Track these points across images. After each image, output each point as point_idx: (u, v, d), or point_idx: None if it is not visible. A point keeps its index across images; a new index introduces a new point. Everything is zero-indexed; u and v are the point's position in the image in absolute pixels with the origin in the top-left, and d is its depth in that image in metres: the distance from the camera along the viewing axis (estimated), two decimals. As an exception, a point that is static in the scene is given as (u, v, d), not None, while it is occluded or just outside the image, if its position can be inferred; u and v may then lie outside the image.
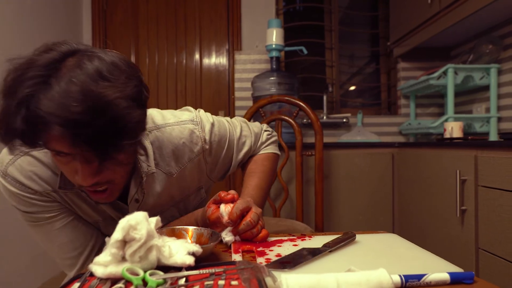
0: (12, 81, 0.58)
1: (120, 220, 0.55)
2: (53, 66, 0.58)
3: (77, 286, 0.52)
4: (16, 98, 0.56)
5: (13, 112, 0.56)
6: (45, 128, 0.57)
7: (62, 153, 0.61)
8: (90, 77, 0.57)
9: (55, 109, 0.54)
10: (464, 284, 0.56)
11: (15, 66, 0.59)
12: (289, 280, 0.49)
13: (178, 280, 0.53)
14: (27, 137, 0.59)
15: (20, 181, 0.73)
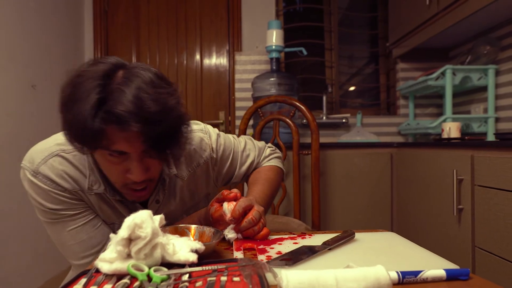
0: (76, 90, 0.65)
1: (126, 219, 0.57)
2: (110, 74, 0.66)
3: (83, 281, 0.54)
4: (88, 103, 0.62)
5: (89, 115, 0.62)
6: (123, 126, 0.63)
7: (123, 153, 0.69)
8: (150, 85, 0.66)
9: (134, 109, 0.62)
10: (459, 280, 0.58)
11: (71, 78, 0.67)
12: (289, 276, 0.51)
13: (181, 276, 0.55)
14: (100, 137, 0.65)
15: (51, 179, 0.77)
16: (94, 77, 0.64)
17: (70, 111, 0.65)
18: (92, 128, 0.63)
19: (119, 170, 0.72)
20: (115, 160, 0.70)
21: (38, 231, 2.03)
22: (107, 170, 0.74)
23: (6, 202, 1.76)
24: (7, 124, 1.77)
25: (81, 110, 0.63)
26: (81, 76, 0.66)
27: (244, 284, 0.51)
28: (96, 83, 0.63)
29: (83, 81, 0.65)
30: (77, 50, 2.51)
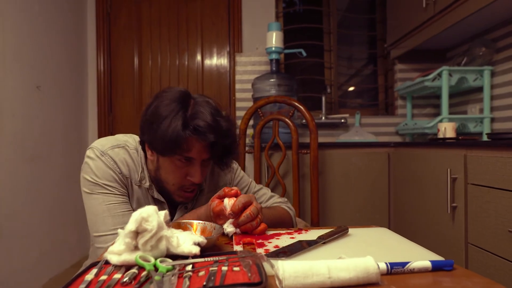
0: (162, 110, 0.85)
1: (133, 213, 0.61)
2: (186, 99, 0.87)
3: (94, 271, 0.58)
4: (178, 120, 0.83)
5: (180, 129, 0.82)
6: (202, 137, 0.84)
7: (189, 159, 0.88)
8: (217, 109, 0.89)
9: (212, 124, 0.84)
10: (444, 270, 0.62)
11: (152, 102, 0.88)
12: (285, 266, 0.55)
13: (185, 266, 0.59)
14: (182, 146, 0.85)
15: (114, 161, 0.94)
16: (175, 100, 0.86)
17: (160, 125, 0.84)
18: (181, 138, 0.83)
19: (181, 173, 0.90)
20: (181, 165, 0.89)
21: (43, 230, 2.08)
22: (170, 173, 0.91)
23: (13, 201, 1.80)
24: (13, 124, 1.81)
25: (172, 125, 0.83)
26: (162, 100, 0.87)
27: (243, 273, 0.55)
28: (179, 106, 0.85)
29: (167, 104, 0.85)
30: (80, 51, 2.56)
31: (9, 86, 1.79)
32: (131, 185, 0.97)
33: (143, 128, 0.90)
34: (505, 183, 1.10)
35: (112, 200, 0.94)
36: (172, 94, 0.87)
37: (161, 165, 0.92)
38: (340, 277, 0.55)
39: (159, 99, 0.87)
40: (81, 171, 0.97)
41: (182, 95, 0.88)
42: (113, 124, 2.68)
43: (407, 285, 0.56)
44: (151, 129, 0.86)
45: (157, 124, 0.84)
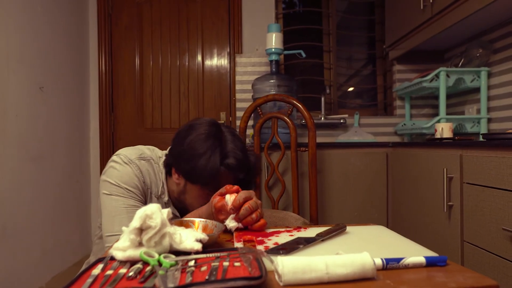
0: (199, 146, 0.95)
1: (138, 211, 0.63)
2: (218, 133, 0.98)
3: (101, 267, 0.60)
4: (216, 157, 0.94)
5: (219, 166, 0.94)
6: (235, 173, 0.97)
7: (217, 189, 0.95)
8: (242, 142, 1.01)
9: (243, 161, 0.97)
10: (438, 266, 0.65)
11: (197, 134, 0.97)
12: (284, 262, 0.57)
13: (188, 262, 0.61)
14: (216, 179, 0.95)
15: (140, 169, 1.01)
16: (211, 136, 0.96)
17: (200, 160, 0.94)
18: (217, 174, 0.94)
19: (207, 200, 0.96)
20: (208, 193, 0.97)
21: (46, 229, 2.10)
22: (197, 198, 1.00)
23: (17, 200, 1.83)
24: (16, 124, 1.83)
25: (211, 161, 0.93)
26: (198, 134, 0.96)
27: (244, 268, 0.58)
28: (216, 142, 0.95)
29: (203, 139, 0.95)
30: (82, 52, 2.58)
31: (13, 87, 1.82)
32: (150, 196, 1.04)
33: (178, 157, 0.98)
34: (499, 182, 1.12)
35: (131, 204, 0.98)
36: (206, 127, 0.98)
37: (188, 190, 1.01)
38: (337, 272, 0.57)
39: (194, 133, 0.97)
40: (103, 174, 1.01)
41: (215, 129, 0.98)
42: (115, 124, 2.70)
43: (401, 280, 0.58)
44: (188, 161, 0.95)
45: (197, 158, 0.94)
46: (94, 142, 2.68)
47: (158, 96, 2.69)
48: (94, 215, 2.69)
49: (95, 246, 1.15)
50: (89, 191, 2.66)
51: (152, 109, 2.68)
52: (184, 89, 2.69)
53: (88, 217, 2.65)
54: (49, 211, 2.13)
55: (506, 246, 1.11)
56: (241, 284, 0.51)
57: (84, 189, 2.58)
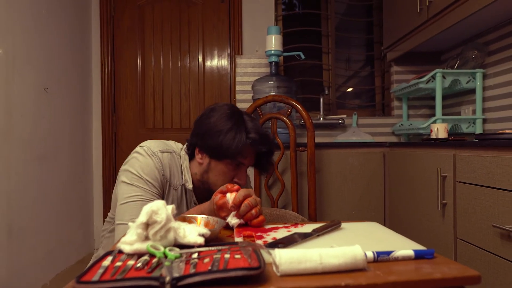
0: (226, 123, 1.04)
1: (144, 207, 0.68)
2: (240, 113, 1.08)
3: (110, 259, 0.64)
4: (242, 132, 1.03)
5: (244, 140, 1.02)
6: (257, 147, 1.05)
7: (242, 164, 1.07)
8: None
9: (265, 138, 1.06)
10: (425, 258, 0.69)
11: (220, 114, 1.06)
12: (282, 254, 0.62)
13: (191, 254, 0.65)
14: (241, 152, 1.04)
15: (162, 163, 1.07)
16: (233, 115, 1.05)
17: (226, 136, 1.02)
18: (243, 147, 1.02)
19: (230, 176, 1.07)
20: (232, 169, 1.06)
21: (51, 228, 2.14)
22: (221, 175, 1.07)
23: (22, 199, 1.87)
24: (22, 124, 1.88)
25: (237, 136, 1.02)
26: (221, 114, 1.05)
27: (244, 260, 0.62)
28: (239, 120, 1.05)
29: (228, 118, 1.04)
30: (85, 53, 2.62)
31: (19, 88, 1.86)
32: (169, 189, 1.09)
33: (203, 136, 1.06)
34: (490, 181, 1.16)
35: (148, 197, 1.03)
36: (227, 108, 1.07)
37: (213, 168, 1.07)
38: (330, 263, 0.61)
39: (217, 113, 1.06)
40: (125, 164, 1.07)
41: (235, 110, 1.08)
42: (117, 125, 2.75)
43: (391, 271, 0.63)
44: (215, 137, 1.03)
45: (224, 134, 1.02)
46: (96, 142, 2.72)
47: (160, 96, 2.73)
48: (97, 214, 2.73)
49: (105, 240, 1.19)
50: (91, 191, 2.70)
51: (154, 110, 2.73)
52: (185, 90, 2.73)
53: (90, 217, 2.69)
54: (53, 211, 2.17)
55: (496, 242, 1.15)
56: (241, 273, 0.55)
57: (87, 188, 2.62)
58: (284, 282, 0.58)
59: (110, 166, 2.72)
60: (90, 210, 2.68)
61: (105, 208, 2.73)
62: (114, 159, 2.74)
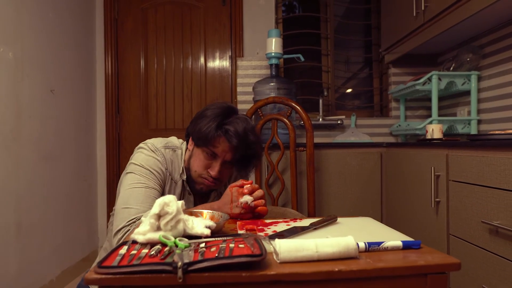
0: (208, 113, 1.10)
1: (157, 200, 0.74)
2: (230, 111, 1.12)
3: (125, 248, 0.71)
4: (215, 122, 1.07)
5: (215, 128, 1.07)
6: (229, 139, 1.07)
7: (214, 155, 1.11)
8: (252, 127, 1.12)
9: (240, 133, 1.07)
10: (412, 249, 0.75)
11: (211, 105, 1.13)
12: (281, 243, 0.68)
13: (199, 244, 0.72)
14: (212, 140, 1.08)
15: (164, 157, 1.15)
16: (221, 108, 1.11)
17: (202, 122, 1.08)
18: (212, 134, 1.06)
19: (205, 164, 1.12)
20: (207, 157, 1.11)
21: (57, 226, 2.21)
22: (197, 161, 1.13)
23: (30, 198, 1.93)
24: (29, 125, 1.94)
25: (210, 123, 1.07)
26: (212, 106, 1.12)
27: (247, 248, 0.68)
28: (223, 113, 1.09)
29: (213, 109, 1.10)
30: (89, 56, 2.68)
31: (27, 90, 1.92)
32: (170, 181, 1.17)
33: (191, 122, 1.15)
34: (480, 179, 1.22)
35: (150, 186, 1.11)
36: (221, 104, 1.14)
37: (194, 153, 1.15)
38: (325, 251, 0.68)
39: (213, 106, 1.13)
40: (130, 160, 1.15)
41: (229, 107, 1.13)
42: (121, 125, 2.81)
43: (380, 259, 0.69)
44: (195, 124, 1.11)
45: (200, 121, 1.09)
46: (100, 142, 2.79)
47: (163, 97, 2.79)
48: (101, 213, 2.79)
49: (110, 232, 1.25)
50: (96, 190, 2.76)
51: (157, 110, 2.79)
52: (187, 91, 2.79)
53: (95, 215, 2.75)
54: (60, 209, 2.23)
55: (485, 238, 1.21)
56: (245, 260, 0.61)
57: (91, 188, 2.68)
58: (283, 268, 0.64)
59: (114, 166, 2.78)
60: (94, 208, 2.74)
61: (109, 207, 2.79)
62: (118, 159, 2.80)
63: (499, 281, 1.14)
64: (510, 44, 1.86)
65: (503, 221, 1.11)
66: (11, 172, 1.78)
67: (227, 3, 2.77)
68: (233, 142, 1.07)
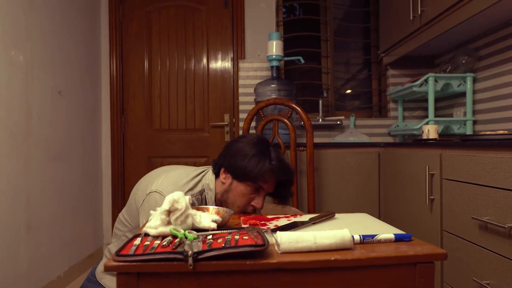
0: (253, 150, 1.16)
1: (166, 196, 0.80)
2: (268, 145, 1.20)
3: (139, 239, 0.77)
4: (266, 159, 1.14)
5: (267, 165, 1.13)
6: (278, 175, 1.15)
7: (262, 189, 1.16)
8: None
9: (286, 168, 1.17)
10: (404, 241, 0.82)
11: (247, 141, 1.19)
12: (282, 235, 0.74)
13: (207, 236, 0.78)
14: (263, 177, 1.14)
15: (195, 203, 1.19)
16: (260, 143, 1.18)
17: (251, 159, 1.14)
18: (265, 172, 1.13)
19: (249, 198, 1.17)
20: (251, 191, 1.16)
21: (64, 224, 2.27)
22: (240, 196, 1.17)
23: (40, 197, 1.99)
24: (39, 126, 2.00)
25: (261, 161, 1.13)
26: (248, 141, 1.18)
27: (251, 239, 0.74)
28: (265, 148, 1.16)
29: (254, 144, 1.17)
30: (94, 58, 2.75)
31: (37, 92, 1.99)
32: None
33: (230, 158, 1.17)
34: (471, 177, 1.28)
35: None
36: (256, 136, 1.21)
37: (234, 188, 1.17)
38: (323, 243, 0.74)
39: (246, 139, 1.19)
40: (143, 210, 1.17)
41: (264, 140, 1.21)
42: (125, 126, 2.87)
43: (373, 250, 0.75)
44: (235, 160, 1.15)
45: (243, 158, 1.14)
46: (105, 142, 2.85)
47: (166, 98, 2.85)
48: (106, 211, 2.86)
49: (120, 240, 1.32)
50: (101, 189, 2.83)
51: (160, 111, 2.85)
52: (190, 92, 2.86)
53: (100, 214, 2.82)
54: (67, 207, 2.30)
55: (475, 233, 1.27)
56: (249, 249, 0.68)
57: (96, 186, 2.75)
58: (284, 257, 0.70)
59: (119, 165, 2.85)
60: (99, 207, 2.81)
61: (113, 205, 2.86)
62: (122, 159, 2.86)
63: (488, 274, 1.20)
64: (504, 47, 1.92)
65: (492, 216, 1.17)
66: (21, 172, 1.85)
67: (229, 6, 2.83)
68: (282, 177, 1.15)
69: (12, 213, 1.78)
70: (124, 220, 1.31)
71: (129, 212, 1.29)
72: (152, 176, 1.28)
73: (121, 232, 1.32)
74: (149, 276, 0.68)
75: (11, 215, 1.77)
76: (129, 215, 1.29)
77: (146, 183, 1.25)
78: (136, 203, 1.23)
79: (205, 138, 2.85)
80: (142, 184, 1.28)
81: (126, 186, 2.86)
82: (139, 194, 1.24)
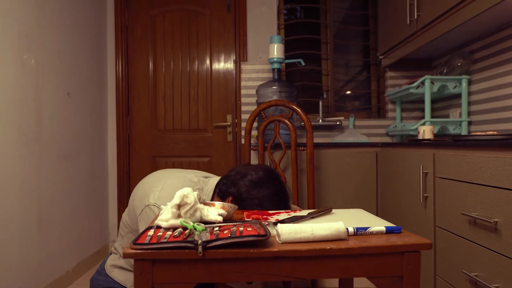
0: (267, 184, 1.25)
1: (176, 192, 0.88)
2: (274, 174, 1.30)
3: (152, 231, 0.85)
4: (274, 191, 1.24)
5: (276, 199, 1.24)
6: (283, 206, 1.25)
7: None
8: None
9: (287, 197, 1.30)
10: (394, 233, 0.89)
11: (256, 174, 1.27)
12: (283, 227, 0.82)
13: (214, 228, 0.86)
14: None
15: None
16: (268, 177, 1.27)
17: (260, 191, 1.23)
18: (272, 204, 1.22)
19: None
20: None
21: (73, 221, 2.35)
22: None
23: (50, 195, 2.07)
24: (49, 126, 2.08)
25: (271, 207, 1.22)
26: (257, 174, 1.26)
27: (254, 230, 0.82)
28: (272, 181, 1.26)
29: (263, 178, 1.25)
30: (101, 61, 2.83)
31: (47, 93, 2.07)
32: None
33: (236, 185, 1.24)
34: (461, 176, 1.35)
35: None
36: (262, 169, 1.29)
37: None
38: (319, 234, 0.81)
39: (254, 172, 1.26)
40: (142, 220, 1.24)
41: (272, 172, 1.30)
42: (130, 126, 2.95)
43: (365, 240, 0.83)
44: (246, 190, 1.23)
45: (257, 190, 1.22)
46: (111, 142, 2.93)
47: (170, 100, 2.93)
48: (112, 209, 2.94)
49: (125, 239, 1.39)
50: (107, 187, 2.91)
51: (165, 112, 2.93)
52: (193, 94, 2.94)
53: (106, 212, 2.90)
54: (76, 205, 2.38)
55: (465, 228, 1.34)
56: (253, 239, 0.75)
57: (103, 185, 2.83)
58: (284, 247, 0.78)
59: (124, 165, 2.93)
60: (105, 205, 2.89)
61: (119, 204, 2.94)
62: (128, 158, 2.94)
63: (477, 266, 1.27)
64: (498, 50, 1.99)
65: (480, 212, 1.24)
66: (33, 171, 1.93)
67: (231, 9, 2.91)
68: (283, 208, 1.25)
69: (25, 211, 1.86)
70: (126, 222, 1.39)
71: (129, 215, 1.36)
72: (150, 183, 1.33)
73: (124, 232, 1.40)
74: (163, 262, 0.76)
75: (24, 214, 1.85)
76: (129, 218, 1.36)
77: (144, 190, 1.30)
78: (135, 210, 1.29)
79: (208, 138, 2.92)
80: (140, 190, 1.34)
81: (131, 185, 2.94)
82: (137, 202, 1.29)
